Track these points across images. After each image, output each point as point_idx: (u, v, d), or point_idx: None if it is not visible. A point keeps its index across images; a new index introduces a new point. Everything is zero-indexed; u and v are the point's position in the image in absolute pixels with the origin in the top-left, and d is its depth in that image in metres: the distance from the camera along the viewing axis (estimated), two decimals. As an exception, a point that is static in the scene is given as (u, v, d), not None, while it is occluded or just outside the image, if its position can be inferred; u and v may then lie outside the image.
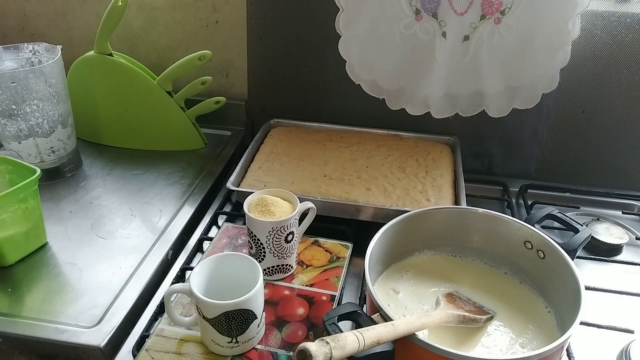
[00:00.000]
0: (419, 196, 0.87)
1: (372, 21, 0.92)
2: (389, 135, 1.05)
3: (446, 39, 0.90)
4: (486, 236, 0.73)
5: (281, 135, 1.04)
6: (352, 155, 0.98)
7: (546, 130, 1.01)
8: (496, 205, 0.96)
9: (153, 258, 0.78)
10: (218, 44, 1.11)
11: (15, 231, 0.75)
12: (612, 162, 1.01)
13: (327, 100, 1.08)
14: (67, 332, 0.65)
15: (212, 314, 0.59)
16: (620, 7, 0.90)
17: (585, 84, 0.96)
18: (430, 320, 0.58)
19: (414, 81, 0.96)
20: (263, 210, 0.72)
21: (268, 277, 0.75)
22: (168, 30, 1.12)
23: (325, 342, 0.47)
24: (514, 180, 1.02)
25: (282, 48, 1.05)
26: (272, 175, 0.92)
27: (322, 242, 0.82)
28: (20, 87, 0.87)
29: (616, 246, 0.85)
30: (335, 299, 0.72)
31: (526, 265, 0.71)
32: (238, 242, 0.82)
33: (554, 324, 0.64)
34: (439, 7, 0.88)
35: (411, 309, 0.67)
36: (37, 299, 0.71)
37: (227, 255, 0.66)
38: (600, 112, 0.98)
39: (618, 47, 0.92)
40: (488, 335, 0.64)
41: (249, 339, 0.63)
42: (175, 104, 1.03)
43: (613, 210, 0.96)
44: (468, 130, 1.03)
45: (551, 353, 0.52)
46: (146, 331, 0.67)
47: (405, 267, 0.73)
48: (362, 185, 0.89)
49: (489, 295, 0.69)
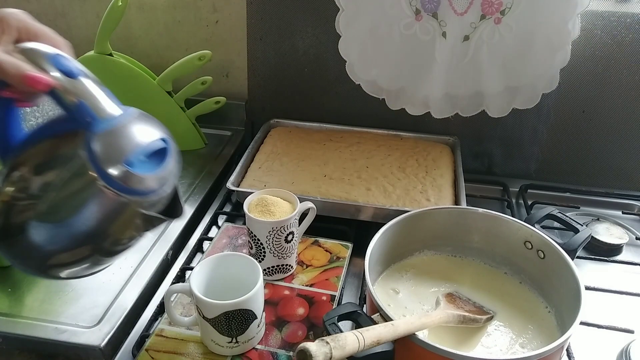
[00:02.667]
0: (419, 196, 0.87)
1: (372, 21, 0.92)
2: (389, 135, 1.05)
3: (446, 39, 0.90)
4: (486, 236, 0.73)
5: (281, 135, 1.04)
6: (352, 155, 0.98)
7: (546, 130, 1.01)
8: (496, 205, 0.96)
9: (153, 258, 0.78)
10: (218, 44, 1.11)
11: (15, 231, 0.75)
12: (612, 162, 1.01)
13: (327, 100, 1.08)
14: (67, 332, 0.65)
15: (212, 314, 0.59)
16: (620, 7, 0.90)
17: (585, 84, 0.96)
18: (430, 320, 0.58)
19: (414, 81, 0.96)
20: (263, 210, 0.72)
21: (268, 277, 0.75)
22: (168, 30, 1.12)
23: (325, 342, 0.47)
24: (514, 180, 1.02)
25: (282, 48, 1.05)
26: (272, 175, 0.92)
27: (322, 242, 0.82)
28: (20, 87, 0.87)
29: (616, 246, 0.85)
30: (335, 299, 0.72)
31: (526, 265, 0.71)
32: (238, 242, 0.82)
33: (554, 324, 0.64)
34: (439, 7, 0.88)
35: (411, 309, 0.67)
36: (37, 299, 0.71)
37: (227, 255, 0.66)
38: (600, 112, 0.98)
39: (618, 47, 0.92)
40: (488, 335, 0.64)
41: (249, 339, 0.63)
42: (175, 104, 1.03)
43: (613, 210, 0.96)
44: (468, 130, 1.03)
45: (551, 353, 0.52)
46: (146, 331, 0.67)
47: (405, 267, 0.73)
48: (362, 185, 0.89)
49: (489, 295, 0.69)
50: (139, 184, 0.45)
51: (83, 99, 0.45)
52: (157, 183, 0.47)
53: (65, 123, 0.47)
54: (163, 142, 0.48)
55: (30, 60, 0.45)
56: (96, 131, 0.44)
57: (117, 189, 0.45)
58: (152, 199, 0.48)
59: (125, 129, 0.46)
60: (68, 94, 0.45)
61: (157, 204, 0.49)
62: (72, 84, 0.45)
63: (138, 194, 0.46)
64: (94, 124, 0.44)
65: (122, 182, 0.44)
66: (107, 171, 0.44)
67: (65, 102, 0.45)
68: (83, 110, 0.45)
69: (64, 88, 0.45)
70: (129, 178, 0.44)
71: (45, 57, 0.45)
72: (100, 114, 0.45)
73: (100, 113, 0.45)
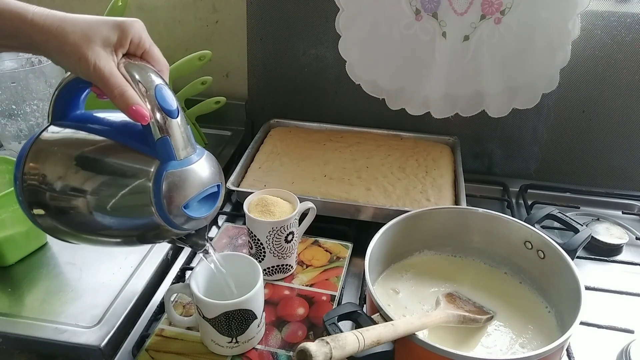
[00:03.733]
0: (419, 196, 0.87)
1: (372, 21, 0.92)
2: (389, 135, 1.05)
3: (446, 39, 0.90)
4: (486, 236, 0.73)
5: (281, 135, 1.04)
6: (352, 155, 0.98)
7: (546, 130, 1.01)
8: (496, 205, 0.96)
9: (153, 258, 0.78)
10: (218, 44, 1.11)
11: (15, 231, 0.75)
12: (612, 162, 1.01)
13: (327, 100, 1.08)
14: (67, 332, 0.65)
15: (212, 314, 0.59)
16: (620, 7, 0.90)
17: (585, 84, 0.96)
18: (430, 320, 0.58)
19: (414, 81, 0.96)
20: (263, 210, 0.72)
21: (268, 277, 0.75)
22: (168, 30, 1.12)
23: (325, 342, 0.47)
24: (514, 180, 1.02)
25: (282, 48, 1.05)
26: (272, 175, 0.92)
27: (322, 242, 0.82)
28: (20, 87, 0.87)
29: (616, 246, 0.85)
30: (335, 299, 0.72)
31: (526, 265, 0.71)
32: (238, 242, 0.82)
33: (554, 324, 0.64)
34: (439, 7, 0.88)
35: (411, 309, 0.67)
36: (37, 299, 0.71)
37: (227, 255, 0.66)
38: (600, 112, 0.98)
39: (618, 47, 0.92)
40: (488, 335, 0.64)
41: (249, 339, 0.63)
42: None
43: (613, 210, 0.96)
44: (468, 130, 1.03)
45: (551, 353, 0.52)
46: (146, 331, 0.67)
47: (405, 267, 0.73)
48: (362, 185, 0.89)
49: (489, 295, 0.69)
50: (185, 223, 0.50)
51: (169, 136, 0.48)
52: (198, 224, 0.52)
53: (142, 144, 0.49)
54: (217, 187, 0.51)
55: (134, 80, 0.48)
56: (169, 170, 0.47)
57: (166, 223, 0.48)
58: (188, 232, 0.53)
59: (193, 174, 0.49)
60: (160, 129, 0.47)
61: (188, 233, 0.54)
62: (167, 122, 0.48)
63: (178, 229, 0.50)
64: (169, 162, 0.47)
65: (173, 219, 0.48)
66: (165, 207, 0.47)
67: (153, 134, 0.48)
68: (166, 145, 0.48)
69: (159, 125, 0.47)
70: (180, 217, 0.48)
71: (151, 88, 0.48)
72: (178, 155, 0.48)
73: (178, 153, 0.48)
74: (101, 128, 0.52)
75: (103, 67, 0.47)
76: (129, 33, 0.49)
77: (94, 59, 0.46)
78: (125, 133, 0.50)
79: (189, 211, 0.49)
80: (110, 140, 0.50)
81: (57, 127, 0.53)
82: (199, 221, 0.51)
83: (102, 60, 0.47)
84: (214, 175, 0.51)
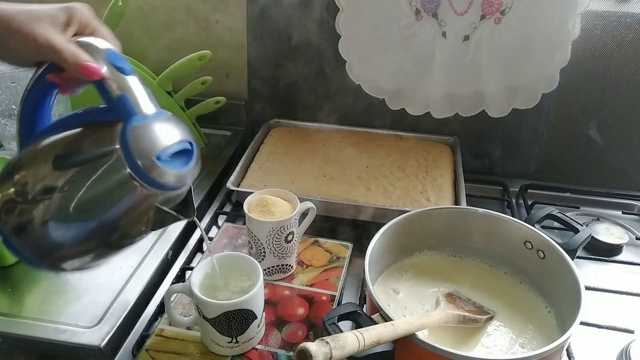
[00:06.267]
0: (419, 196, 0.87)
1: (372, 21, 0.92)
2: (389, 135, 1.05)
3: (446, 39, 0.90)
4: (486, 236, 0.73)
5: (281, 135, 1.04)
6: (352, 155, 0.98)
7: (546, 130, 1.01)
8: (496, 205, 0.96)
9: (153, 258, 0.78)
10: (218, 44, 1.11)
11: (15, 231, 0.75)
12: (612, 162, 1.01)
13: (327, 100, 1.08)
14: (67, 332, 0.65)
15: (212, 314, 0.59)
16: (620, 7, 0.90)
17: (585, 84, 0.96)
18: (430, 320, 0.58)
19: (414, 81, 0.96)
20: (263, 210, 0.72)
21: (268, 277, 0.75)
22: (168, 30, 1.12)
23: (325, 342, 0.47)
24: (514, 180, 1.02)
25: (282, 48, 1.05)
26: (272, 175, 0.92)
27: (322, 242, 0.82)
28: (20, 87, 0.87)
29: (616, 246, 0.85)
30: (335, 299, 0.72)
31: (526, 265, 0.71)
32: (238, 242, 0.82)
33: (554, 324, 0.64)
34: (439, 7, 0.88)
35: (411, 309, 0.67)
36: (37, 299, 0.71)
37: (227, 255, 0.66)
38: (600, 112, 0.98)
39: (618, 47, 0.92)
40: (488, 335, 0.64)
41: (249, 339, 0.63)
42: (175, 104, 1.03)
43: (613, 210, 0.96)
44: (468, 130, 1.03)
45: (551, 353, 0.52)
46: (146, 331, 0.67)
47: (405, 267, 0.73)
48: (362, 185, 0.89)
49: (489, 295, 0.69)
50: (163, 178, 0.48)
51: (127, 92, 0.48)
52: (179, 180, 0.50)
53: (102, 114, 0.49)
54: (189, 144, 0.51)
55: (85, 46, 0.48)
56: (133, 124, 0.47)
57: (142, 180, 0.47)
58: (170, 194, 0.51)
59: (159, 126, 0.49)
60: (115, 87, 0.48)
61: (172, 201, 0.52)
62: (121, 79, 0.48)
63: (159, 187, 0.49)
64: (131, 118, 0.47)
65: (148, 174, 0.47)
66: (137, 161, 0.46)
67: (110, 94, 0.48)
68: (125, 103, 0.48)
69: (116, 83, 0.48)
70: (156, 170, 0.47)
71: (101, 52, 0.49)
72: (139, 110, 0.48)
73: (139, 108, 0.48)
74: (65, 122, 0.52)
75: (53, 38, 0.47)
76: (76, 13, 0.50)
77: (43, 32, 0.47)
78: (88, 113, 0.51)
79: (163, 163, 0.48)
80: (75, 130, 0.50)
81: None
82: (179, 176, 0.49)
83: (51, 33, 0.47)
84: (182, 131, 0.50)
